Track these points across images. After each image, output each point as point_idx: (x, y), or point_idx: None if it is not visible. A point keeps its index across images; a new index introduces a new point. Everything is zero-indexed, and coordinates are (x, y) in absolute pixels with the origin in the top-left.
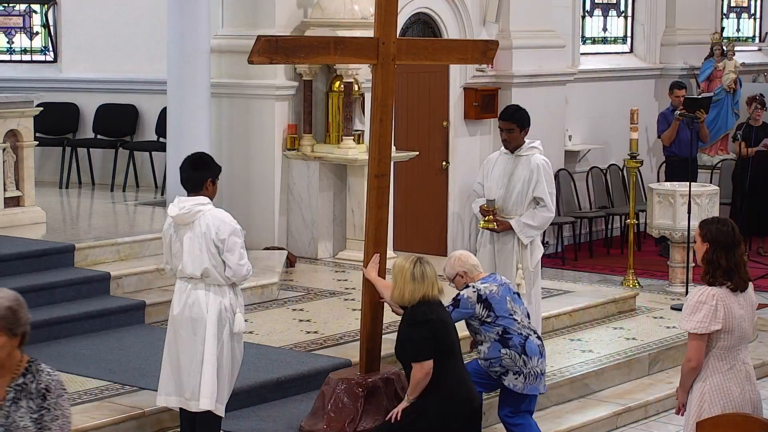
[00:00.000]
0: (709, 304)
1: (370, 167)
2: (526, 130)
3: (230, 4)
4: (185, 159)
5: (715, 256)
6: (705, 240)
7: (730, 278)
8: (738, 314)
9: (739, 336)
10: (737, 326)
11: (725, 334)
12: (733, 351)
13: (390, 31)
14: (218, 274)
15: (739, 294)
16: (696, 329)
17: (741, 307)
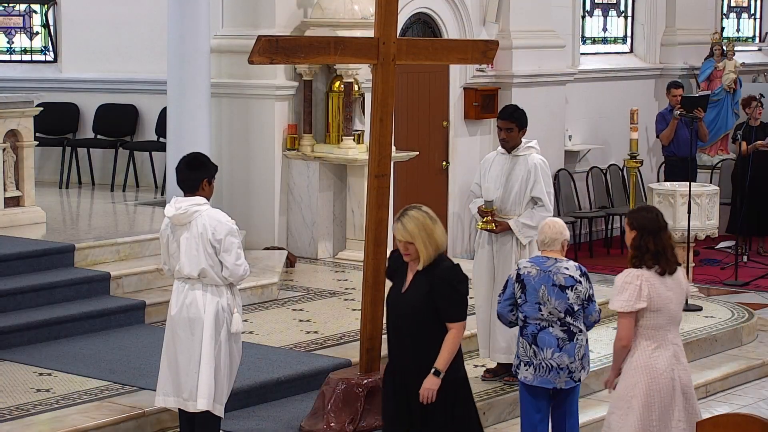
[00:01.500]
0: (634, 284)
1: (370, 167)
2: (524, 130)
3: (230, 4)
4: (181, 159)
5: (642, 242)
6: (633, 228)
7: (658, 262)
8: (665, 295)
9: (668, 317)
10: (664, 306)
11: (652, 314)
12: (661, 331)
13: (390, 31)
14: (215, 274)
15: (667, 277)
16: (622, 308)
17: (668, 288)
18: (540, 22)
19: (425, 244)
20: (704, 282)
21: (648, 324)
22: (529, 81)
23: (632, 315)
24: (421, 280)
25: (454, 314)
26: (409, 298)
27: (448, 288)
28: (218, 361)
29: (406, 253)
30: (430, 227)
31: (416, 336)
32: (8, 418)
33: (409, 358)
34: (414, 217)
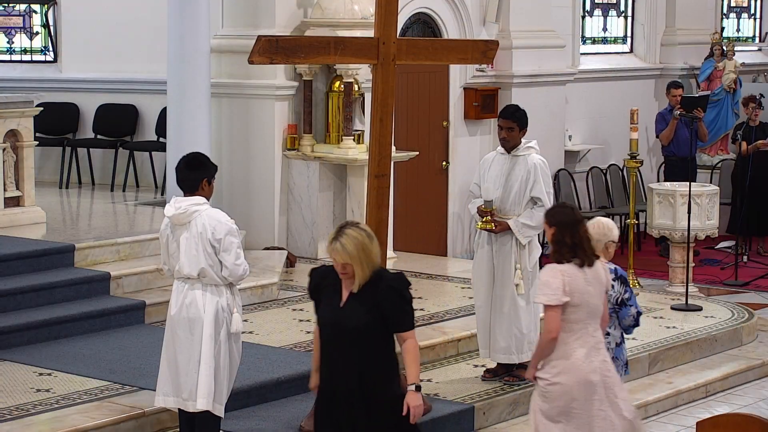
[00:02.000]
0: (558, 279)
1: (370, 167)
2: (525, 130)
3: (230, 4)
4: (181, 159)
5: (560, 236)
6: (551, 224)
7: (576, 254)
8: (585, 290)
9: (588, 311)
10: (585, 301)
11: (573, 308)
12: (581, 324)
13: (390, 31)
14: (215, 274)
15: (586, 270)
16: (549, 301)
17: (588, 283)
18: (540, 22)
19: (363, 265)
20: (704, 282)
21: (569, 318)
22: (529, 81)
23: (559, 308)
24: (361, 295)
25: (407, 323)
26: (351, 313)
27: (399, 298)
28: (218, 361)
29: (343, 272)
30: (368, 247)
31: (362, 352)
32: (8, 418)
33: (353, 377)
34: (353, 236)
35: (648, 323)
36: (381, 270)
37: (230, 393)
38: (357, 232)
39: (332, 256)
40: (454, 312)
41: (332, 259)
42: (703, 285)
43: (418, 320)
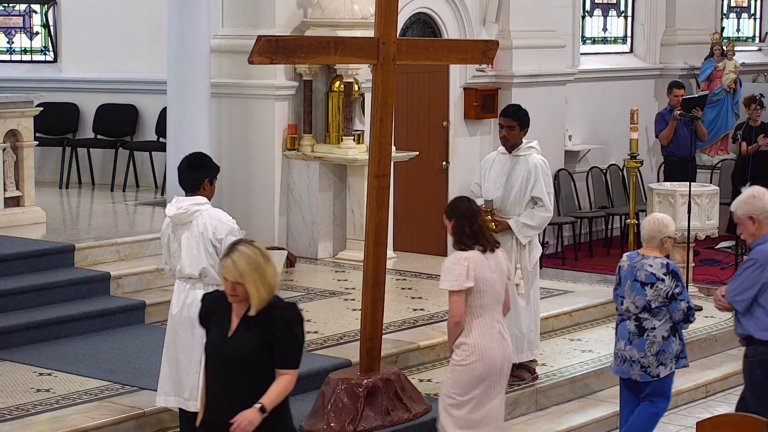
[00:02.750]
0: (461, 265)
1: (370, 167)
2: (525, 130)
3: (230, 4)
4: (183, 159)
5: (459, 227)
6: (450, 218)
7: (477, 241)
8: (489, 276)
9: (492, 297)
10: (489, 287)
11: (478, 294)
12: (488, 309)
13: (390, 31)
14: (216, 273)
15: (489, 256)
16: (452, 287)
17: (492, 270)
18: (540, 22)
19: (257, 285)
20: (704, 282)
21: (476, 304)
22: (529, 81)
23: (462, 294)
24: (251, 324)
25: (293, 361)
26: (239, 343)
27: (289, 333)
28: None
29: (232, 294)
30: (262, 267)
31: (245, 386)
32: (8, 418)
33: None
34: (246, 254)
35: None
36: (277, 298)
37: None
38: (251, 250)
39: (222, 273)
40: None
41: (222, 279)
42: (703, 285)
43: (418, 320)
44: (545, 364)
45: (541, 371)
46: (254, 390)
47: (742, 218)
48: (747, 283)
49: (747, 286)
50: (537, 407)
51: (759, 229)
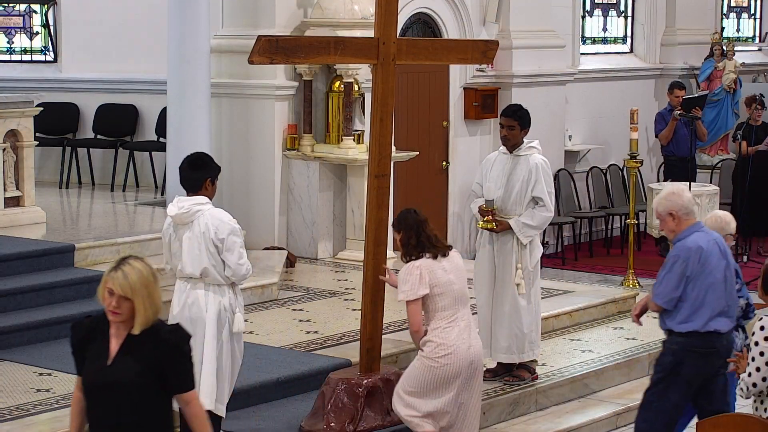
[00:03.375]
0: (414, 274)
1: (370, 167)
2: (526, 130)
3: (230, 4)
4: (184, 159)
5: (406, 238)
6: (398, 230)
7: (424, 249)
8: (444, 279)
9: (452, 297)
10: (446, 289)
11: (437, 297)
12: (449, 310)
13: (390, 31)
14: (217, 273)
15: (442, 260)
16: (407, 297)
17: (447, 272)
18: (540, 22)
19: (145, 303)
20: None
21: (436, 307)
22: (529, 81)
23: (418, 302)
24: (134, 347)
25: (190, 381)
26: (121, 369)
27: (180, 354)
28: (220, 361)
29: (116, 311)
30: (152, 285)
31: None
32: (8, 418)
33: None
34: (137, 268)
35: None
36: (161, 321)
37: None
38: (142, 266)
39: (109, 285)
40: None
41: (105, 294)
42: None
43: None
44: (545, 364)
45: (541, 371)
46: (143, 420)
47: (663, 215)
48: (675, 281)
49: (675, 284)
50: (537, 407)
51: (679, 225)
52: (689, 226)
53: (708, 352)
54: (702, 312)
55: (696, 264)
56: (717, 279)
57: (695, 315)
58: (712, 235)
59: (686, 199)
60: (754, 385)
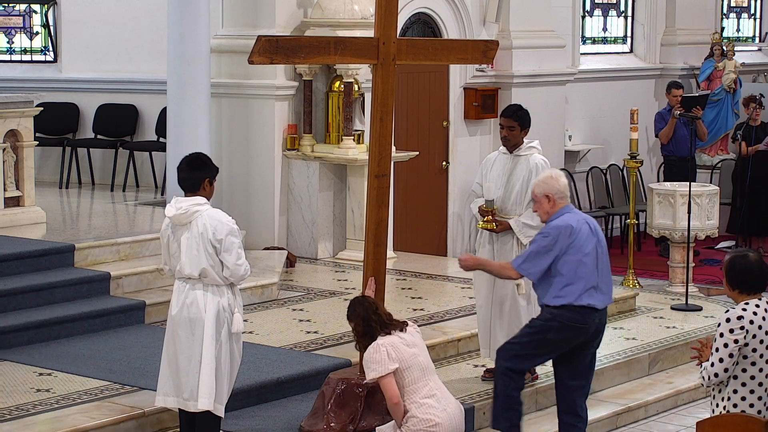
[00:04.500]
0: (380, 352)
1: (370, 167)
2: (526, 130)
3: (230, 4)
4: (183, 159)
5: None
6: (351, 319)
7: (381, 330)
8: (408, 352)
9: (420, 369)
10: (413, 362)
11: (406, 372)
12: (421, 382)
13: (390, 31)
14: (216, 274)
15: (400, 335)
16: (380, 373)
17: (409, 345)
18: (540, 22)
19: None
20: (704, 282)
21: (407, 381)
22: (529, 81)
23: (390, 376)
24: None
25: None
26: None
27: None
28: (219, 361)
29: None
30: None
31: None
32: (8, 418)
33: None
34: None
35: (648, 323)
36: None
37: (230, 393)
38: None
39: None
40: (454, 312)
41: None
42: (703, 285)
43: (418, 320)
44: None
45: (541, 371)
46: None
47: (539, 196)
48: (537, 253)
49: (537, 256)
50: (537, 407)
51: (553, 207)
52: (561, 208)
53: (578, 327)
54: (574, 286)
55: (566, 240)
56: (587, 255)
57: (567, 289)
58: (581, 215)
59: (562, 183)
60: (716, 375)
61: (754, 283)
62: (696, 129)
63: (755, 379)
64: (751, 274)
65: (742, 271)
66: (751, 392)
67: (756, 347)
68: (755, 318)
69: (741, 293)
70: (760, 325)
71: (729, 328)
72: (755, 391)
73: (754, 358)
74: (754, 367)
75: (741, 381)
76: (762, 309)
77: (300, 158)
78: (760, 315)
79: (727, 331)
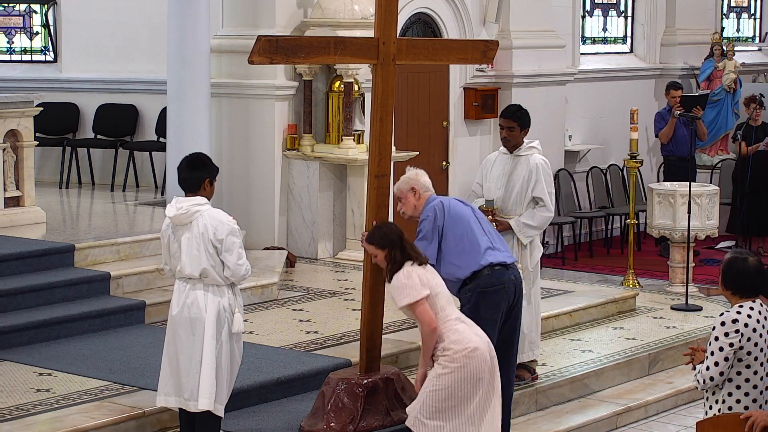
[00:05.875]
0: (412, 278)
1: (370, 167)
2: (526, 130)
3: (230, 4)
4: (183, 159)
5: (392, 254)
6: (381, 247)
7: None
8: (435, 281)
9: (446, 297)
10: (441, 289)
11: (435, 298)
12: (449, 309)
13: (390, 31)
14: (217, 274)
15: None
16: (414, 298)
17: (433, 275)
18: (540, 22)
19: None
20: (704, 282)
21: (438, 308)
22: (529, 81)
23: (425, 301)
24: None
25: None
26: None
27: None
28: (219, 361)
29: None
30: None
31: None
32: (8, 418)
33: None
34: None
35: (648, 323)
36: None
37: (230, 393)
38: None
39: None
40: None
41: None
42: (703, 285)
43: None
44: (545, 364)
45: (541, 371)
46: None
47: (405, 191)
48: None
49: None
50: (537, 407)
51: (419, 200)
52: (427, 199)
53: (498, 289)
54: (471, 252)
55: (442, 215)
56: (468, 221)
57: (466, 257)
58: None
59: (426, 179)
60: (711, 379)
61: (749, 288)
62: (696, 129)
63: (750, 381)
64: (748, 278)
65: (739, 274)
66: (746, 395)
67: (751, 350)
68: (749, 321)
69: (734, 295)
70: (754, 328)
71: (724, 331)
72: (750, 393)
73: (748, 361)
74: (748, 369)
75: (736, 384)
76: (756, 312)
77: (300, 158)
78: (755, 318)
79: (722, 334)
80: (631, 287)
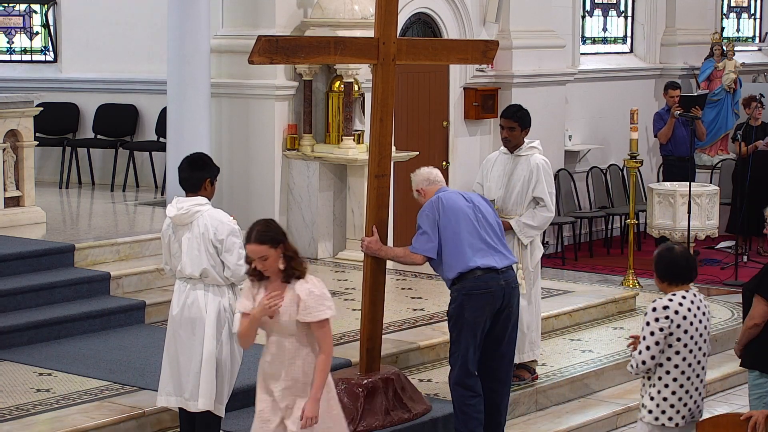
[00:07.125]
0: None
1: (370, 167)
2: (526, 130)
3: (230, 4)
4: (184, 159)
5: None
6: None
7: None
8: None
9: None
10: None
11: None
12: None
13: (390, 31)
14: (217, 274)
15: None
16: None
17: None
18: (540, 22)
19: None
20: (704, 282)
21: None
22: (529, 81)
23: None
24: None
25: None
26: None
27: None
28: (219, 361)
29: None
30: None
31: None
32: (8, 418)
33: None
34: None
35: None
36: None
37: (231, 393)
38: None
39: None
40: None
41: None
42: (703, 285)
43: (418, 320)
44: (545, 364)
45: (541, 371)
46: None
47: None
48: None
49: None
50: (537, 407)
51: (426, 196)
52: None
53: (483, 293)
54: (461, 253)
55: (439, 211)
56: (466, 219)
57: (455, 258)
58: (454, 190)
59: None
60: (643, 363)
61: (679, 276)
62: (695, 129)
63: (679, 368)
64: (677, 266)
65: (668, 265)
66: (681, 386)
67: (680, 336)
68: (680, 308)
69: (669, 285)
70: (684, 315)
71: (654, 317)
72: (684, 385)
73: (678, 347)
74: (678, 356)
75: (666, 369)
76: (688, 300)
77: (300, 158)
78: (686, 306)
79: (652, 320)
80: (631, 287)
